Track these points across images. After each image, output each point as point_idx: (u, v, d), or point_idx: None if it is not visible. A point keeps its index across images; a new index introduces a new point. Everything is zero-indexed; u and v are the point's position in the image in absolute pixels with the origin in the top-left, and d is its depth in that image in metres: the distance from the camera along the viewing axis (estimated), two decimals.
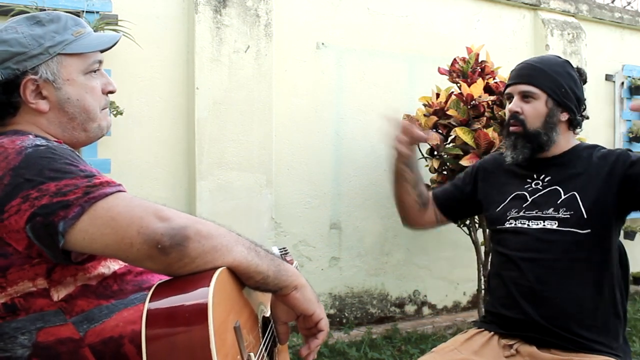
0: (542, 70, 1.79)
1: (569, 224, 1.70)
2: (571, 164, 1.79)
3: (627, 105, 5.15)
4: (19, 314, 1.03)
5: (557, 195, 1.75)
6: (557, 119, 1.78)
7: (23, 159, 1.00)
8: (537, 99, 1.78)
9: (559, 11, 4.78)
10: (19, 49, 1.11)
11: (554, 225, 1.72)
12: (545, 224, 1.73)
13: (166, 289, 0.96)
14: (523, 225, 1.77)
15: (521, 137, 1.80)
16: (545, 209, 1.75)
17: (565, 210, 1.71)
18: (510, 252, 1.78)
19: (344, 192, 3.89)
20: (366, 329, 3.77)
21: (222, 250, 0.99)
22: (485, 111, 3.33)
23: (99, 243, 0.97)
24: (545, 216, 1.74)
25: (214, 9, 3.35)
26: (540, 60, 1.85)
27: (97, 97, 1.20)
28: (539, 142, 1.78)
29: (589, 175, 1.73)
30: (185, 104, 3.36)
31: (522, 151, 1.80)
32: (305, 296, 1.11)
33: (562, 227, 1.70)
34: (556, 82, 1.77)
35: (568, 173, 1.77)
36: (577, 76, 1.82)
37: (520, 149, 1.80)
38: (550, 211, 1.74)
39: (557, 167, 1.80)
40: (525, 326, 1.71)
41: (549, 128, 1.78)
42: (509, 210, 1.82)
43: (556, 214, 1.72)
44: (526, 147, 1.79)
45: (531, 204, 1.78)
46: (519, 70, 1.85)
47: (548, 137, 1.78)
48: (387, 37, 4.04)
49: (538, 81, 1.78)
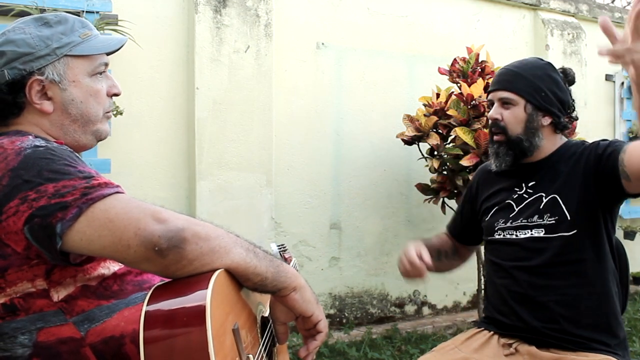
0: (520, 75, 1.76)
1: (556, 229, 1.68)
2: (555, 166, 1.77)
3: (627, 105, 5.15)
4: (18, 314, 1.03)
5: (540, 202, 1.74)
6: (538, 124, 1.75)
7: (22, 160, 1.00)
8: (515, 105, 1.75)
9: (559, 11, 4.78)
10: (26, 50, 1.11)
11: (541, 232, 1.71)
12: (533, 232, 1.72)
13: (164, 291, 0.96)
14: (511, 236, 1.76)
15: (503, 145, 1.78)
16: (530, 217, 1.73)
17: (550, 216, 1.70)
18: (501, 262, 1.78)
19: (344, 192, 3.89)
20: (366, 329, 3.77)
21: (220, 252, 0.99)
22: (485, 111, 3.33)
23: (96, 244, 0.97)
24: (531, 224, 1.73)
25: (214, 9, 3.35)
26: (519, 64, 1.81)
27: (101, 99, 1.21)
28: (521, 149, 1.76)
29: (569, 174, 1.72)
30: (185, 104, 3.36)
31: (505, 159, 1.78)
32: (304, 297, 1.11)
33: (549, 234, 1.69)
34: (534, 86, 1.74)
35: (551, 177, 1.75)
36: (560, 78, 1.79)
37: (502, 156, 1.79)
38: (535, 219, 1.72)
39: (543, 171, 1.78)
40: (523, 331, 1.71)
41: (530, 134, 1.75)
42: (497, 221, 1.81)
43: (541, 220, 1.71)
44: (508, 155, 1.78)
45: (517, 213, 1.77)
46: (498, 76, 1.82)
47: (530, 142, 1.75)
48: (387, 37, 4.05)
49: (515, 87, 1.75)
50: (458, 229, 2.02)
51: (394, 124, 3.81)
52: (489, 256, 1.87)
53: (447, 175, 3.52)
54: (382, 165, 4.01)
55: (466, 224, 1.99)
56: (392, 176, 4.05)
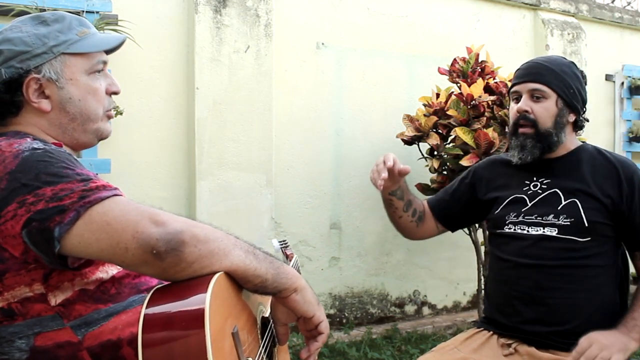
0: (552, 69, 1.75)
1: (569, 231, 1.67)
2: (574, 167, 1.76)
3: (627, 105, 5.15)
4: (16, 318, 1.02)
5: (557, 201, 1.72)
6: (565, 120, 1.76)
7: (20, 163, 0.99)
8: (547, 98, 1.74)
9: (559, 11, 4.77)
10: (22, 48, 1.10)
11: (554, 232, 1.69)
12: (545, 230, 1.70)
13: (163, 294, 0.95)
14: (522, 231, 1.74)
15: (531, 138, 1.76)
16: (545, 215, 1.72)
17: (566, 217, 1.69)
18: (508, 257, 1.76)
19: (344, 192, 3.89)
20: (366, 329, 3.77)
21: (219, 254, 0.98)
22: (485, 111, 3.33)
23: (94, 248, 0.96)
24: (545, 222, 1.71)
25: (214, 9, 3.35)
26: (548, 59, 1.81)
27: (100, 97, 1.20)
28: (549, 143, 1.75)
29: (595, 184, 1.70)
30: (185, 104, 3.36)
31: (532, 151, 1.76)
32: (305, 299, 1.10)
33: (562, 235, 1.68)
34: (565, 82, 1.74)
35: (570, 177, 1.74)
36: (581, 76, 1.80)
37: (529, 149, 1.76)
38: (550, 218, 1.71)
39: (559, 169, 1.77)
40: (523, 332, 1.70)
41: (559, 128, 1.75)
42: (508, 214, 1.79)
43: (556, 220, 1.70)
44: (536, 148, 1.76)
45: (530, 209, 1.75)
46: (527, 69, 1.80)
47: (558, 137, 1.75)
48: (387, 37, 4.04)
49: (548, 80, 1.74)
50: (441, 206, 1.98)
51: (394, 124, 3.80)
52: (495, 251, 1.84)
53: (447, 175, 3.51)
54: None
55: (454, 205, 1.96)
56: None
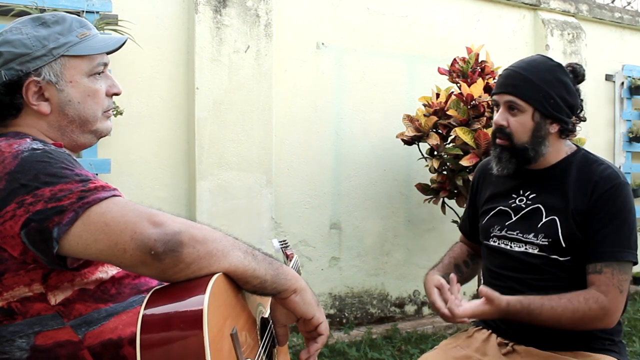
0: (529, 80, 1.65)
1: (549, 251, 1.64)
2: (559, 181, 1.69)
3: (627, 105, 5.14)
4: (16, 318, 1.02)
5: (538, 218, 1.68)
6: (545, 132, 1.67)
7: (19, 163, 0.99)
8: (523, 112, 1.66)
9: (559, 11, 4.77)
10: (22, 50, 1.10)
11: (535, 250, 1.66)
12: (527, 247, 1.68)
13: (162, 295, 0.95)
14: (506, 247, 1.72)
15: (507, 150, 1.70)
16: (525, 233, 1.68)
17: (544, 237, 1.64)
18: (495, 269, 1.76)
19: (344, 192, 3.89)
20: (366, 329, 3.77)
21: (218, 255, 0.98)
22: (485, 111, 3.33)
23: (92, 248, 0.96)
24: (526, 240, 1.68)
25: (214, 9, 3.35)
26: (527, 66, 1.68)
27: (99, 99, 1.19)
28: (525, 157, 1.69)
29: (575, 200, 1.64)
30: (185, 104, 3.36)
31: (507, 165, 1.71)
32: (305, 300, 1.10)
33: (543, 253, 1.65)
34: (544, 92, 1.64)
35: (553, 193, 1.68)
36: (569, 80, 1.69)
37: (505, 162, 1.71)
38: (530, 236, 1.67)
39: (544, 183, 1.72)
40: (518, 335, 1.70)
41: (537, 142, 1.67)
42: (492, 227, 1.77)
43: (535, 239, 1.66)
44: (511, 162, 1.70)
45: (514, 223, 1.72)
46: (504, 78, 1.71)
47: (536, 151, 1.68)
48: (387, 37, 4.04)
49: (524, 93, 1.65)
50: (469, 228, 1.96)
51: (394, 124, 3.81)
52: (485, 261, 1.84)
53: (447, 175, 3.52)
54: (382, 165, 4.00)
55: (473, 223, 1.93)
56: (392, 176, 4.05)
